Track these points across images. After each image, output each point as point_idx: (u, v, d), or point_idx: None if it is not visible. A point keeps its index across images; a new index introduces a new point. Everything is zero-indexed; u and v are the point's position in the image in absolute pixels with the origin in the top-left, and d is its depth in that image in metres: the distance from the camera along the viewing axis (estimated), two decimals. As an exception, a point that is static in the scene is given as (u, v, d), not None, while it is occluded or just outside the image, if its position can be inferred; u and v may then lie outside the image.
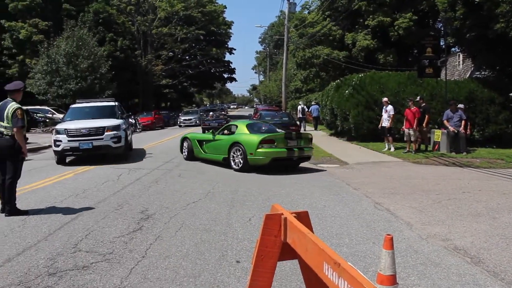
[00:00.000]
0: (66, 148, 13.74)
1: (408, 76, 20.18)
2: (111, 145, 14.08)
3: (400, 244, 5.56)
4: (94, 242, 5.73)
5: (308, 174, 12.07)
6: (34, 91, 34.75)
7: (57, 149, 13.85)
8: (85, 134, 13.85)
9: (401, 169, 12.75)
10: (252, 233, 6.08)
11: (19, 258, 5.12)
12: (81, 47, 35.19)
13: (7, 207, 7.16)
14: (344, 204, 8.06)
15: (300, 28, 37.49)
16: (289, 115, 25.06)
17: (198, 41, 64.16)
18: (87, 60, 35.04)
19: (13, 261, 5.02)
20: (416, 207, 7.78)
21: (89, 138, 13.78)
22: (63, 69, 34.37)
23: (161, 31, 55.48)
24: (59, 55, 34.44)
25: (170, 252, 5.34)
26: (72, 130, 13.88)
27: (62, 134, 13.80)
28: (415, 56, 32.06)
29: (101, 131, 13.99)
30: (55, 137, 13.87)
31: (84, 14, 42.31)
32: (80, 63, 34.63)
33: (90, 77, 34.99)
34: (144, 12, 55.49)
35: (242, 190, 9.40)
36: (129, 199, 8.40)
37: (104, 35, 43.36)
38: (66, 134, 13.78)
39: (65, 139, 13.71)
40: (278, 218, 2.99)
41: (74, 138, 13.74)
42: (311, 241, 2.61)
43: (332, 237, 5.96)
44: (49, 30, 40.53)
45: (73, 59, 34.65)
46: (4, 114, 7.18)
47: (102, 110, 15.97)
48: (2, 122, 7.21)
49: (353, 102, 19.94)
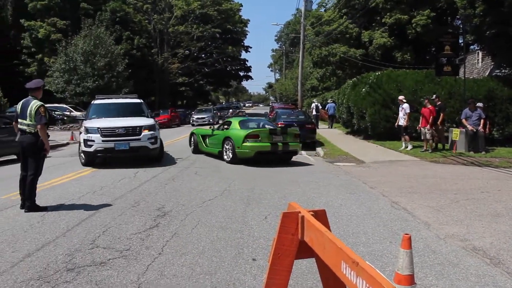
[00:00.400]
0: (99, 149, 12.42)
1: (426, 74, 19.97)
2: (149, 146, 12.86)
3: (418, 243, 5.51)
4: (111, 238, 5.78)
5: (324, 172, 12.02)
6: (52, 89, 35.23)
7: (88, 149, 12.45)
8: (121, 133, 12.54)
9: (418, 168, 12.62)
10: (268, 231, 6.08)
11: (38, 254, 5.19)
12: (98, 45, 35.56)
13: (27, 203, 7.27)
14: (360, 203, 8.01)
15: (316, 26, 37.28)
16: (305, 113, 24.93)
17: (214, 39, 64.34)
18: (104, 59, 35.40)
19: (32, 256, 5.09)
20: (434, 206, 7.69)
21: (126, 138, 12.52)
22: (81, 67, 34.79)
23: (177, 30, 55.71)
24: (77, 54, 34.87)
25: (186, 249, 5.37)
26: (107, 129, 12.52)
27: (94, 133, 12.42)
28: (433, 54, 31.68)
29: (138, 130, 12.72)
30: (87, 137, 12.46)
31: (101, 13, 42.74)
32: (97, 62, 35.00)
33: (107, 75, 35.35)
34: (160, 11, 55.82)
35: (258, 188, 9.40)
36: (146, 196, 8.46)
37: (121, 33, 43.76)
38: (100, 133, 12.42)
39: (99, 139, 12.36)
40: (296, 216, 2.99)
41: (108, 138, 12.41)
42: (329, 239, 2.60)
43: (349, 236, 5.93)
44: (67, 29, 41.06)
45: (90, 57, 35.03)
46: (27, 112, 7.32)
47: (129, 107, 14.53)
48: (25, 120, 7.35)
49: (369, 100, 19.81)
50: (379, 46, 31.18)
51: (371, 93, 19.96)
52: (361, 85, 21.53)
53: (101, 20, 41.40)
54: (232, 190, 9.18)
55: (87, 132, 12.56)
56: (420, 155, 14.98)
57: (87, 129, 12.62)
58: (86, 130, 12.66)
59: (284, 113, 22.81)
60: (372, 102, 19.64)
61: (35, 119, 7.26)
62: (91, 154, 12.54)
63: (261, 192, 9.03)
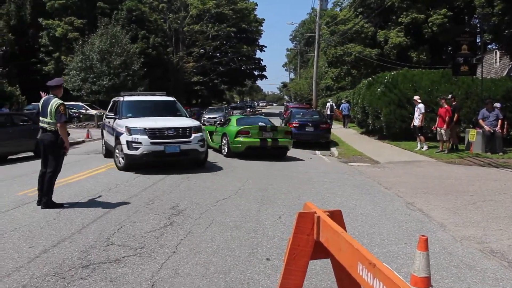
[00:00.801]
0: (147, 152, 11.12)
1: (442, 74, 19.73)
2: (199, 149, 11.86)
3: (433, 245, 5.44)
4: (126, 236, 5.81)
5: (339, 173, 11.97)
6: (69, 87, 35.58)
7: (134, 153, 11.14)
8: (172, 135, 11.43)
9: (434, 168, 12.49)
10: (283, 231, 6.06)
11: (54, 250, 5.24)
12: (114, 44, 35.81)
13: (44, 199, 7.35)
14: (375, 204, 7.95)
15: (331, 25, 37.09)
16: (320, 113, 24.86)
17: (229, 39, 64.38)
18: (120, 57, 35.64)
19: (48, 253, 5.14)
20: (450, 208, 7.60)
21: (176, 140, 11.42)
22: (97, 65, 35.06)
23: (192, 29, 55.88)
24: (93, 52, 35.15)
25: (200, 248, 5.37)
26: (155, 129, 11.36)
27: (141, 134, 11.18)
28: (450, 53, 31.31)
29: (188, 132, 11.67)
30: (132, 138, 11.16)
31: (118, 12, 43.02)
32: (113, 60, 35.25)
33: (123, 73, 35.58)
34: (176, 10, 56.05)
35: (272, 188, 9.38)
36: (160, 195, 8.49)
37: (136, 32, 44.04)
38: (148, 134, 11.20)
39: (147, 141, 11.11)
40: (311, 216, 2.96)
41: (158, 139, 11.25)
42: (345, 240, 2.57)
43: (363, 236, 5.88)
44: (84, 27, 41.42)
45: (106, 56, 35.29)
46: (47, 110, 7.41)
47: (164, 106, 13.58)
48: (46, 118, 7.45)
49: (385, 100, 19.66)
50: (394, 46, 30.91)
51: (387, 92, 19.81)
52: (376, 84, 21.38)
53: (117, 19, 41.68)
54: (246, 189, 9.17)
55: (130, 132, 11.24)
56: (435, 155, 14.82)
57: (130, 129, 11.29)
58: (128, 130, 11.31)
59: (298, 112, 22.80)
60: (387, 102, 19.49)
61: (55, 117, 7.34)
62: (137, 158, 11.20)
63: (275, 191, 9.01)
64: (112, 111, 13.32)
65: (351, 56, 33.44)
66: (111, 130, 12.68)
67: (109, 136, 13.23)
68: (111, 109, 13.73)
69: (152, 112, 12.78)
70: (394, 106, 19.23)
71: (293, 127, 18.87)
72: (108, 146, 13.64)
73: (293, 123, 19.45)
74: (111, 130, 12.79)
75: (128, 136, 11.24)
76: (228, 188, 9.29)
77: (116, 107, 13.12)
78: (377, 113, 20.40)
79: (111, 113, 13.23)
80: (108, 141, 13.37)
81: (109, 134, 13.24)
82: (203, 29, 56.80)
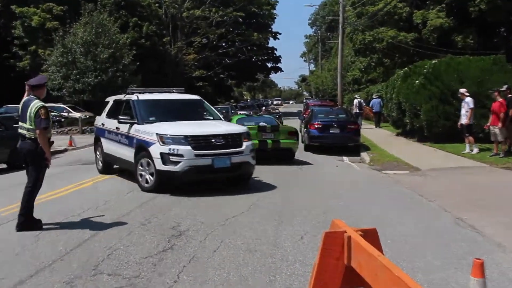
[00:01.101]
0: (190, 167, 10.08)
1: (494, 61, 19.62)
2: (251, 162, 11.01)
3: (490, 270, 5.35)
4: (117, 263, 5.81)
5: (371, 183, 11.92)
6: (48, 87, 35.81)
7: (173, 168, 10.05)
8: (220, 144, 10.45)
9: (487, 176, 12.41)
10: (305, 254, 6.03)
11: (31, 281, 5.25)
12: (100, 34, 36.06)
13: (20, 219, 7.25)
14: (417, 220, 7.91)
15: (358, 6, 37.15)
16: (347, 111, 24.82)
17: (237, 25, 64.58)
18: (107, 50, 35.87)
19: (24, 284, 5.15)
20: (508, 223, 7.53)
21: (226, 151, 10.44)
22: (81, 60, 35.32)
23: (193, 14, 56.14)
24: (76, 44, 35.41)
25: (207, 276, 5.35)
26: (200, 137, 10.44)
27: (182, 144, 10.14)
28: (503, 36, 31.12)
29: (239, 140, 10.79)
30: (169, 149, 10.06)
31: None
32: (99, 53, 35.49)
33: (111, 69, 35.79)
34: (173, -8, 56.39)
35: (291, 202, 9.38)
36: (158, 213, 8.49)
37: (127, 20, 44.31)
38: (190, 144, 10.19)
39: (190, 153, 10.04)
40: (340, 236, 2.94)
41: (204, 150, 10.22)
42: (383, 265, 2.54)
43: (403, 260, 5.84)
44: (64, 15, 41.71)
45: (91, 48, 35.55)
46: (27, 113, 7.34)
47: (191, 106, 12.88)
48: (25, 124, 7.39)
49: (425, 94, 19.57)
50: (434, 29, 30.81)
51: (427, 85, 19.72)
52: (414, 76, 21.31)
53: (104, 4, 42.00)
54: (260, 204, 9.16)
55: (167, 142, 10.17)
56: (489, 160, 14.70)
57: (164, 138, 10.23)
58: (161, 138, 10.23)
59: (321, 111, 22.68)
60: (428, 96, 19.40)
61: (35, 123, 7.27)
62: (177, 175, 10.16)
63: (296, 206, 8.99)
64: (115, 113, 12.37)
65: (383, 43, 33.41)
66: (124, 139, 11.69)
67: (115, 146, 12.32)
68: (114, 111, 12.80)
69: (178, 114, 11.82)
70: (436, 101, 19.13)
71: (315, 129, 18.85)
72: (111, 158, 12.80)
73: (314, 124, 19.36)
74: (123, 139, 11.79)
75: (162, 147, 10.16)
76: (239, 202, 9.29)
77: (125, 109, 12.18)
78: (416, 110, 20.31)
79: (113, 115, 12.45)
80: (113, 152, 12.47)
81: (115, 143, 12.32)
82: (205, 15, 57.01)
